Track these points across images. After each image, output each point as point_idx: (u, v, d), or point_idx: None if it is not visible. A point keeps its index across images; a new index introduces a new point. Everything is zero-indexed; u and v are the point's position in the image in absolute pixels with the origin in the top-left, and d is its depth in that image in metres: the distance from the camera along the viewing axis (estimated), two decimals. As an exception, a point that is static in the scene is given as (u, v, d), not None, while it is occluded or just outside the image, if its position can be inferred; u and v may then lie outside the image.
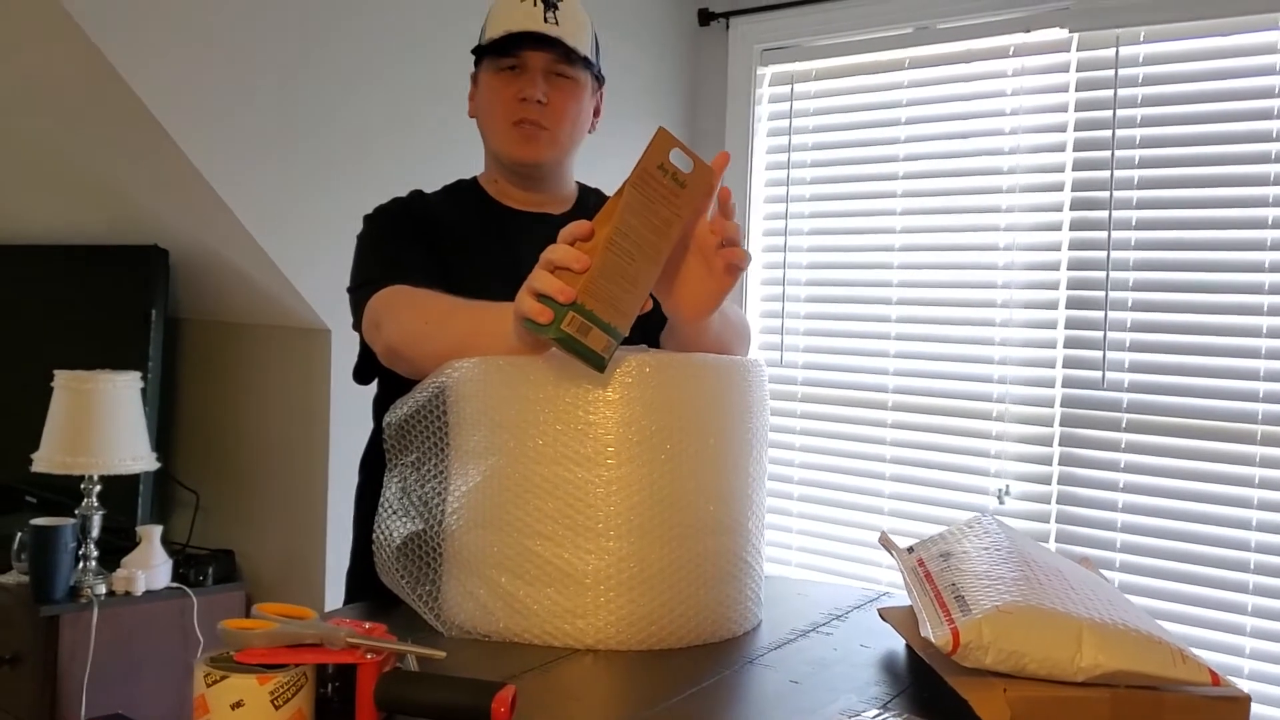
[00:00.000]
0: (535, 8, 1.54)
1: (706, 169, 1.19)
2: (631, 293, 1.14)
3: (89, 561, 2.53)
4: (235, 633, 0.93)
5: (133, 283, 2.82)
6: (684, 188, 1.17)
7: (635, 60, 3.35)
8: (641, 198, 1.14)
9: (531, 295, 1.12)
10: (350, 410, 2.70)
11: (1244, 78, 2.65)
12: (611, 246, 1.12)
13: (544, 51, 1.54)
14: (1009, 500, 2.96)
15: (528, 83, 1.54)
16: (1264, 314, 2.60)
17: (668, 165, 1.15)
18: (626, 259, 1.13)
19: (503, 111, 1.56)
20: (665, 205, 1.16)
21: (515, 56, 1.55)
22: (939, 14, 3.08)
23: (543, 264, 1.13)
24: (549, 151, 1.58)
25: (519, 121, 1.56)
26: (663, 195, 1.15)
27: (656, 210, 1.15)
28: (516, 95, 1.55)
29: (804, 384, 3.35)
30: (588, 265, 1.11)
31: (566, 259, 1.12)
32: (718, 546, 1.21)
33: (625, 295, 1.13)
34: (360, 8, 2.68)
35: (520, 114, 1.55)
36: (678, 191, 1.16)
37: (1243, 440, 2.62)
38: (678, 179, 1.16)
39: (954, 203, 3.08)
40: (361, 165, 2.69)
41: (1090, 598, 1.05)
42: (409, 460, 1.27)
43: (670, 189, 1.16)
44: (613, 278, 1.12)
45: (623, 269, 1.13)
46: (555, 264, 1.12)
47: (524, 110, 1.55)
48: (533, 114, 1.55)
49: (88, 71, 2.35)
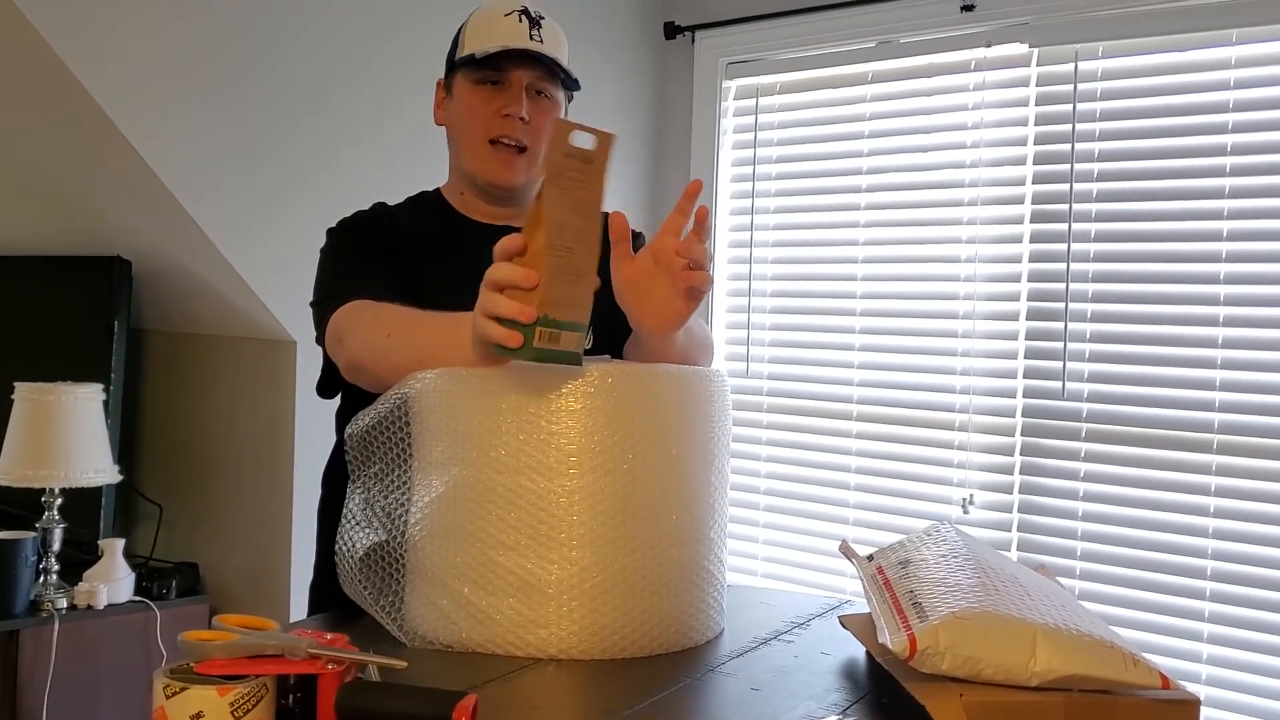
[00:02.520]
0: (520, 24, 1.54)
1: (605, 135, 1.17)
2: (581, 283, 1.15)
3: (50, 575, 2.50)
4: (195, 644, 0.93)
5: (95, 294, 2.80)
6: (592, 163, 1.16)
7: (602, 73, 3.36)
8: (560, 191, 1.13)
9: (491, 320, 1.11)
10: (315, 422, 2.69)
11: (1199, 92, 2.70)
12: (551, 251, 1.12)
13: (529, 69, 1.54)
14: (973, 509, 2.98)
15: (511, 99, 1.54)
16: (1219, 325, 2.64)
17: (572, 150, 1.14)
18: (568, 255, 1.13)
19: (481, 126, 1.56)
20: (582, 188, 1.15)
21: (500, 71, 1.55)
22: (902, 29, 3.12)
23: (490, 285, 1.13)
24: (526, 175, 1.59)
25: (497, 140, 1.55)
26: (578, 180, 1.14)
27: (577, 195, 1.14)
28: (498, 111, 1.55)
29: (770, 394, 3.37)
30: (537, 280, 1.11)
31: (513, 277, 1.11)
32: (680, 556, 1.22)
33: (577, 288, 1.14)
34: (326, 17, 2.68)
35: (500, 130, 1.55)
36: (589, 170, 1.15)
37: (1199, 449, 2.66)
38: (585, 158, 1.15)
39: (917, 215, 3.12)
40: (327, 176, 2.69)
41: (1045, 604, 1.07)
42: (372, 471, 1.27)
43: (582, 170, 1.15)
44: (562, 278, 1.13)
45: (567, 266, 1.13)
46: (503, 284, 1.12)
47: (505, 127, 1.55)
48: (513, 131, 1.55)
49: (44, 76, 2.34)
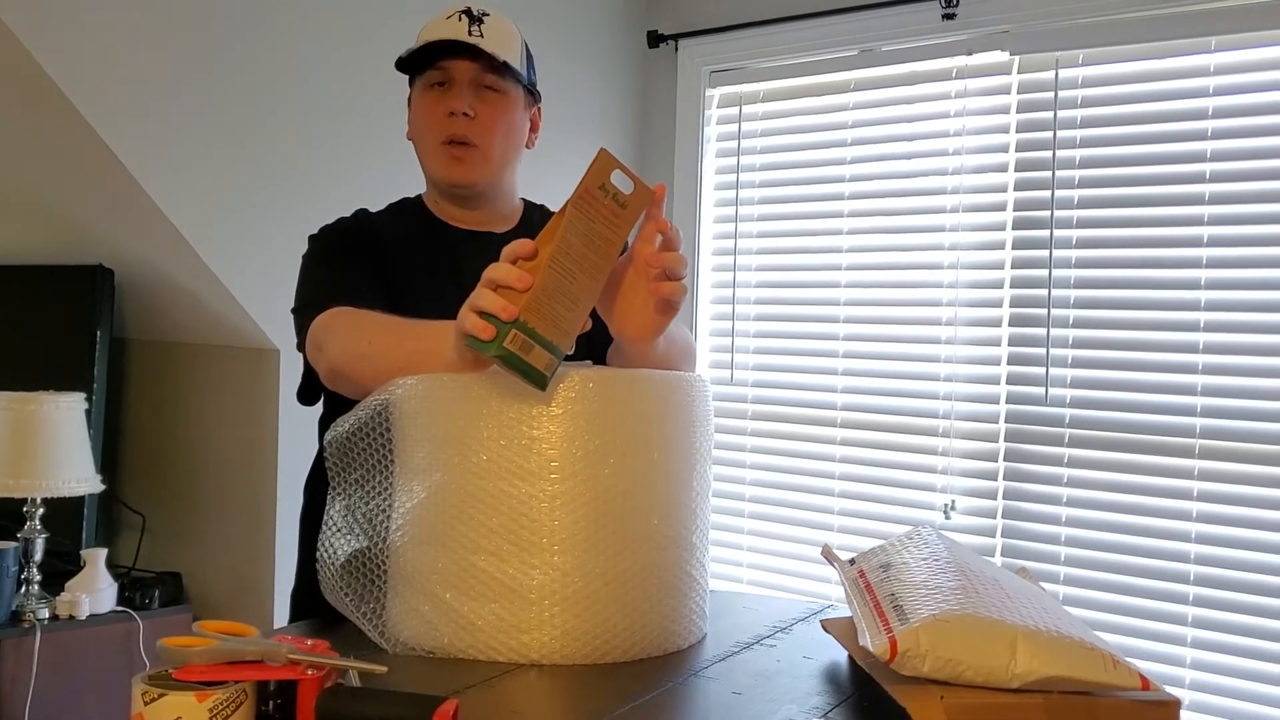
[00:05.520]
0: (459, 23, 1.54)
1: (646, 190, 1.20)
2: (573, 310, 1.15)
3: (32, 585, 2.48)
4: (174, 650, 0.93)
5: (77, 303, 2.79)
6: (624, 208, 1.18)
7: (585, 82, 3.37)
8: (583, 217, 1.15)
9: (474, 312, 1.12)
10: (299, 430, 2.68)
11: (1178, 99, 2.72)
12: (554, 265, 1.13)
13: (468, 61, 1.53)
14: (955, 515, 2.99)
15: (454, 95, 1.54)
16: (1200, 330, 2.66)
17: (609, 186, 1.17)
18: (568, 277, 1.14)
19: (435, 129, 1.56)
20: (606, 225, 1.17)
21: (440, 70, 1.55)
22: (883, 37, 3.13)
23: (485, 282, 1.13)
24: (480, 170, 1.57)
25: (448, 140, 1.55)
26: (604, 215, 1.17)
27: (598, 230, 1.16)
28: (445, 111, 1.54)
29: (754, 401, 3.38)
30: (530, 284, 1.12)
31: (509, 277, 1.12)
32: (662, 560, 1.22)
33: (567, 313, 1.14)
34: (313, 25, 2.68)
35: (449, 130, 1.54)
36: (618, 212, 1.18)
37: (1181, 454, 2.67)
38: (618, 200, 1.18)
39: (899, 222, 3.13)
40: (311, 183, 2.69)
41: (1026, 606, 1.07)
42: (353, 478, 1.27)
43: (611, 209, 1.17)
44: (555, 296, 1.13)
45: (565, 287, 1.14)
46: (497, 282, 1.13)
47: (452, 126, 1.54)
48: (460, 129, 1.54)
49: (23, 83, 2.33)
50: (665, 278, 1.24)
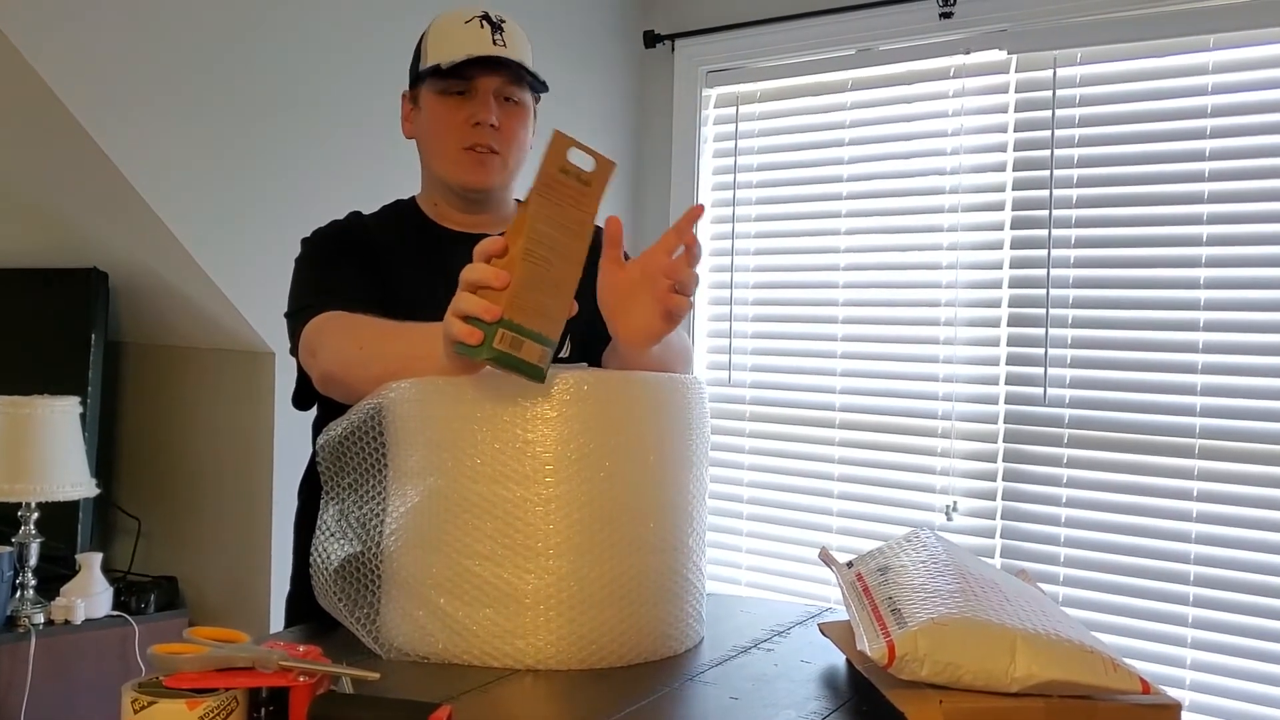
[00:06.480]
0: (482, 30, 1.53)
1: (606, 161, 1.17)
2: (556, 298, 1.13)
3: (27, 590, 2.48)
4: (164, 657, 0.92)
5: (72, 306, 2.78)
6: (589, 185, 1.15)
7: (582, 83, 3.36)
8: (549, 203, 1.13)
9: (458, 318, 1.11)
10: (294, 434, 2.67)
11: (1177, 98, 2.71)
12: (528, 257, 1.11)
13: (495, 75, 1.54)
14: (956, 517, 2.98)
15: (480, 106, 1.54)
16: (1200, 329, 2.65)
17: (569, 167, 1.14)
18: (545, 266, 1.12)
19: (454, 137, 1.55)
20: (574, 206, 1.14)
21: (466, 80, 1.54)
22: (881, 36, 3.13)
23: (464, 286, 1.12)
24: (500, 176, 1.58)
25: (471, 147, 1.55)
26: (570, 197, 1.14)
27: (567, 212, 1.14)
28: (468, 120, 1.54)
29: (752, 403, 3.37)
30: (508, 281, 1.10)
31: (485, 277, 1.11)
32: (658, 564, 1.21)
33: (551, 302, 1.13)
34: (305, 27, 2.67)
35: (473, 139, 1.54)
36: (584, 190, 1.15)
37: (1181, 454, 2.67)
38: (581, 178, 1.15)
39: (897, 222, 3.12)
40: (305, 186, 2.68)
41: (1025, 609, 1.06)
42: (346, 482, 1.26)
43: (576, 189, 1.14)
44: (535, 287, 1.12)
45: (543, 276, 1.12)
46: (475, 284, 1.11)
47: (477, 135, 1.54)
48: (485, 138, 1.54)
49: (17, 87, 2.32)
50: (676, 290, 1.23)
